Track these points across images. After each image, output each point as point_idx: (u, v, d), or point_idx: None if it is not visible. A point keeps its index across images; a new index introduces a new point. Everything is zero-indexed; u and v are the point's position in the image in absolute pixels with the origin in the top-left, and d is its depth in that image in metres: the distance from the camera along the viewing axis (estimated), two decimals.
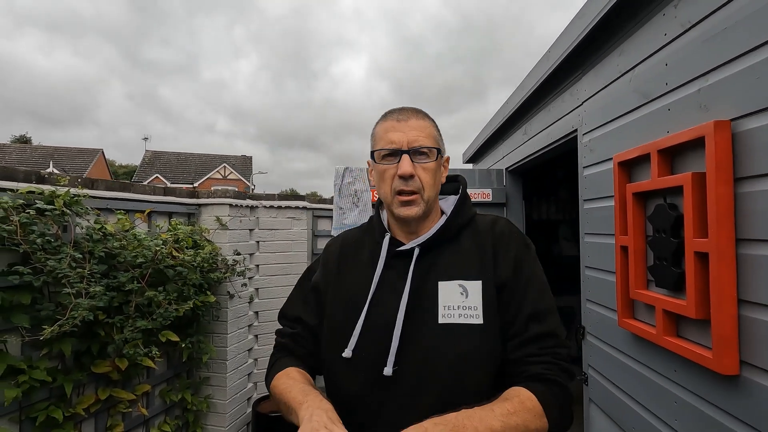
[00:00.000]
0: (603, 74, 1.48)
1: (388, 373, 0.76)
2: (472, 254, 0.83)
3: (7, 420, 1.62)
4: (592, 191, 1.56)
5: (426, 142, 0.82)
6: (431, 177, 0.83)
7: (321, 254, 0.99)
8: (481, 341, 0.76)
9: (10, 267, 1.57)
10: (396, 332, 0.77)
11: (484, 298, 0.78)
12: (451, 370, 0.75)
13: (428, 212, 0.86)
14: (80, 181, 1.94)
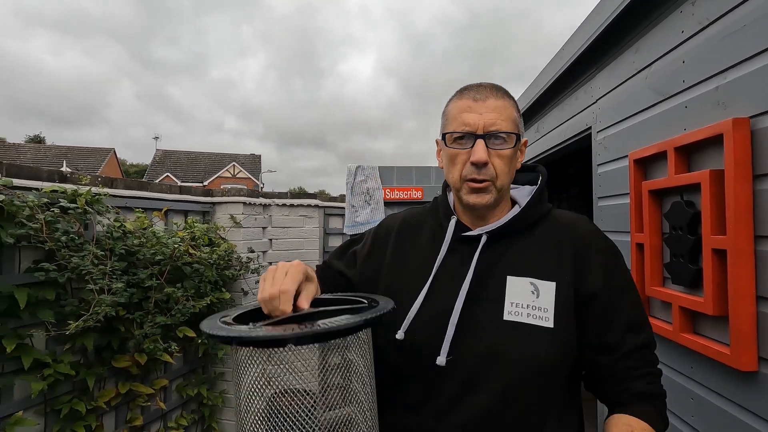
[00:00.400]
0: (618, 71, 1.48)
1: (441, 363, 0.71)
2: (547, 252, 0.76)
3: (32, 412, 1.67)
4: (607, 189, 1.56)
5: (504, 126, 0.74)
6: (507, 164, 0.75)
7: (372, 229, 0.94)
8: (549, 346, 0.71)
9: (35, 264, 1.62)
10: (452, 320, 0.72)
11: (558, 302, 0.72)
12: (511, 371, 0.70)
13: (499, 201, 0.78)
14: (100, 180, 1.98)
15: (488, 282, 0.75)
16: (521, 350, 0.70)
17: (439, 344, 0.72)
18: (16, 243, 1.52)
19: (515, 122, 0.76)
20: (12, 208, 1.49)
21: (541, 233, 0.78)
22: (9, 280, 1.54)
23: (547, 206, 0.82)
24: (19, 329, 1.57)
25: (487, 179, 0.74)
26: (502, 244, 0.77)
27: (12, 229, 1.50)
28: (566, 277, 0.74)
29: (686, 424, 1.11)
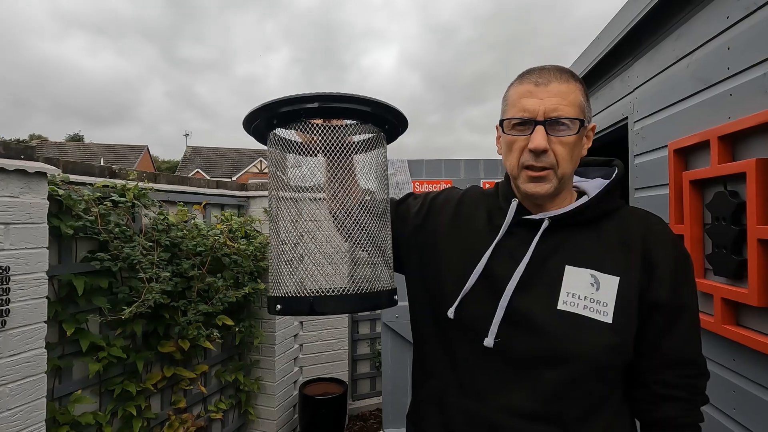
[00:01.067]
0: (657, 60, 1.45)
1: (488, 344, 0.71)
2: (613, 247, 0.73)
3: (89, 392, 1.79)
4: (644, 180, 1.54)
5: (567, 112, 0.70)
6: (569, 152, 0.71)
7: (431, 193, 0.92)
8: (604, 341, 0.69)
9: (90, 254, 1.73)
10: (502, 302, 0.71)
11: (619, 298, 0.70)
12: (561, 362, 0.69)
13: (560, 190, 0.75)
14: (145, 175, 2.09)
15: (545, 269, 0.73)
16: (574, 342, 0.69)
17: (488, 325, 0.71)
18: (74, 234, 1.64)
19: (581, 107, 0.71)
20: (70, 202, 1.60)
21: (609, 228, 0.75)
22: (68, 269, 1.65)
23: (619, 202, 0.78)
24: (77, 314, 1.69)
25: (547, 167, 0.71)
26: (564, 233, 0.75)
27: (70, 221, 1.61)
28: (632, 276, 0.71)
29: (727, 416, 1.10)
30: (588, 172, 0.86)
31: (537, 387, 0.70)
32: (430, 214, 0.87)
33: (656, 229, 0.75)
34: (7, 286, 1.30)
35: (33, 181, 1.37)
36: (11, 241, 1.31)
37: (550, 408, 0.70)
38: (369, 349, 3.69)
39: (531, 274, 0.73)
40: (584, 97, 0.73)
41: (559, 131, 0.70)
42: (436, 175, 2.75)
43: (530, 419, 0.70)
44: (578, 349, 0.69)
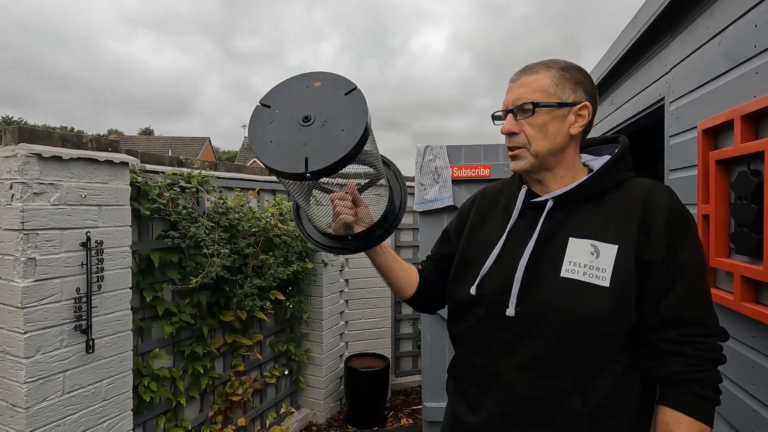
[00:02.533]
0: (693, 38, 1.42)
1: (510, 314, 0.81)
2: (615, 218, 0.79)
3: (165, 350, 2.09)
4: (678, 160, 1.52)
5: (530, 98, 0.81)
6: (538, 131, 0.82)
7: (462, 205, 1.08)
8: (602, 303, 0.75)
9: (163, 233, 2.01)
10: (517, 276, 0.81)
11: (617, 264, 0.76)
12: (562, 324, 0.77)
13: (547, 167, 0.85)
14: (207, 164, 2.35)
15: (551, 243, 0.82)
16: (573, 305, 0.77)
17: (506, 298, 0.82)
18: (151, 215, 1.91)
19: (547, 91, 0.82)
20: (146, 188, 1.87)
21: (613, 200, 0.82)
22: (147, 245, 1.93)
23: (625, 175, 0.84)
24: (154, 284, 1.98)
25: (519, 146, 0.84)
26: (570, 208, 0.83)
27: (147, 204, 1.88)
28: (629, 242, 0.77)
29: (745, 391, 1.12)
30: (601, 150, 0.94)
31: (544, 346, 0.79)
32: (460, 220, 1.03)
33: (654, 194, 0.80)
34: (101, 257, 1.57)
35: (118, 169, 1.63)
36: (103, 220, 1.59)
37: (553, 365, 0.79)
38: (411, 329, 3.84)
39: (540, 249, 0.82)
40: (558, 82, 0.82)
41: (525, 115, 0.82)
42: (475, 160, 2.80)
43: (540, 374, 0.80)
44: (577, 311, 0.77)
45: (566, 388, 0.78)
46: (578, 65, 0.87)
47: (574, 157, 0.87)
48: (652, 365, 0.78)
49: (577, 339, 0.77)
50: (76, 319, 1.49)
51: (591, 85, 0.86)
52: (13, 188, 1.37)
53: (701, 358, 0.74)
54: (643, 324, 0.78)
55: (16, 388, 1.38)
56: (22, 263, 1.36)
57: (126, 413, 1.68)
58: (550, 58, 0.87)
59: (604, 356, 0.78)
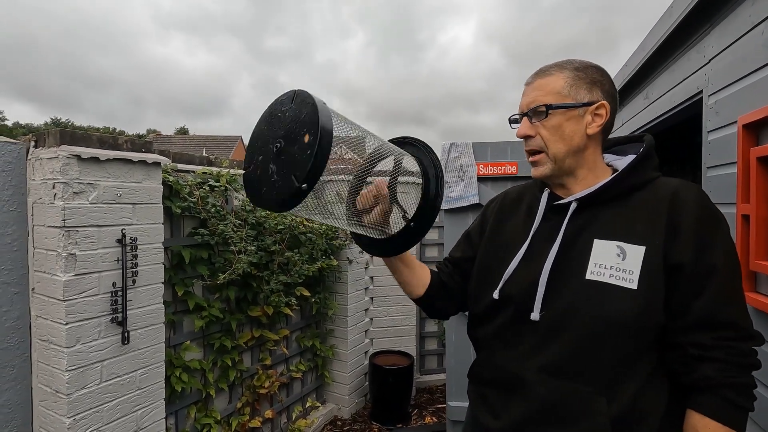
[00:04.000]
0: (733, 27, 1.34)
1: (535, 318, 0.80)
2: (642, 218, 0.78)
3: (195, 343, 2.17)
4: (716, 158, 1.44)
5: (544, 100, 0.81)
6: (553, 133, 0.81)
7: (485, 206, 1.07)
8: (629, 306, 0.74)
9: (194, 230, 2.08)
10: (542, 280, 0.80)
11: (645, 266, 0.74)
12: (587, 327, 0.76)
13: (568, 171, 0.84)
14: (235, 163, 2.41)
15: (576, 245, 0.81)
16: (599, 307, 0.75)
17: (531, 301, 0.81)
18: (182, 213, 1.98)
19: (560, 93, 0.81)
20: (178, 186, 1.94)
21: (639, 200, 0.80)
22: (178, 242, 2.01)
23: (651, 174, 0.82)
24: (185, 279, 2.05)
25: (536, 150, 0.84)
26: (594, 210, 0.82)
27: (178, 202, 1.95)
28: (657, 243, 0.75)
29: None
30: (625, 150, 0.91)
31: (569, 349, 0.78)
32: (483, 222, 1.03)
33: (681, 194, 0.77)
34: (136, 253, 1.65)
35: (151, 169, 1.71)
36: (137, 218, 1.66)
37: (579, 368, 0.77)
38: (436, 327, 3.83)
39: (564, 252, 0.81)
40: (572, 83, 0.81)
41: (540, 117, 0.82)
42: (501, 157, 2.75)
43: (564, 378, 0.78)
44: (602, 313, 0.75)
45: (590, 392, 0.76)
46: (595, 64, 0.85)
47: (595, 157, 0.85)
48: (682, 369, 0.76)
49: (603, 342, 0.75)
50: (112, 311, 1.57)
51: (609, 84, 0.84)
52: (56, 188, 1.45)
53: (733, 363, 0.72)
54: (671, 327, 0.75)
55: (59, 376, 1.47)
56: (64, 258, 1.45)
57: (159, 402, 1.76)
58: (565, 59, 0.86)
59: (631, 359, 0.76)
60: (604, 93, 0.83)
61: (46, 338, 1.52)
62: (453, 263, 1.06)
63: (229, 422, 2.32)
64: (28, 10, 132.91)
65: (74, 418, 1.47)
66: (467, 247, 1.04)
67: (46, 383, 1.53)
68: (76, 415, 1.48)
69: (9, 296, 1.53)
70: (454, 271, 1.04)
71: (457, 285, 1.02)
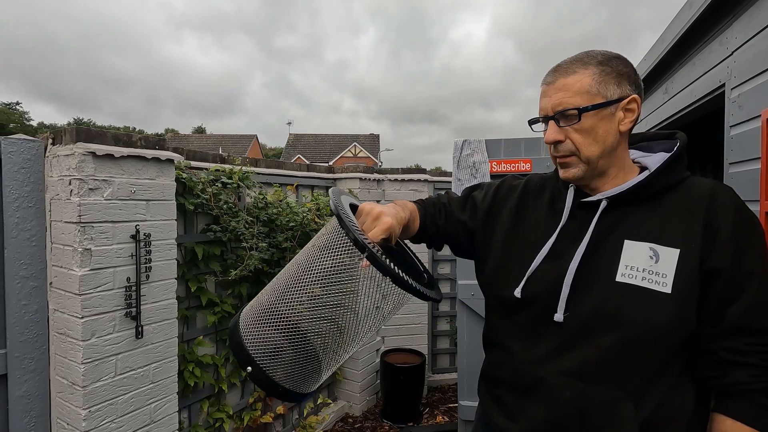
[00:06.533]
0: (758, 16, 1.29)
1: (558, 320, 0.76)
2: (675, 220, 0.74)
3: (208, 339, 2.19)
4: (739, 153, 1.39)
5: (572, 102, 0.76)
6: (586, 136, 0.76)
7: (494, 183, 0.99)
8: (661, 311, 0.71)
9: (206, 226, 2.10)
10: (567, 280, 0.76)
11: (679, 269, 0.71)
12: (618, 331, 0.72)
13: (602, 170, 0.80)
14: (248, 161, 2.43)
15: (605, 245, 0.77)
16: (631, 311, 0.72)
17: (554, 302, 0.77)
18: (195, 210, 2.01)
19: (589, 92, 0.75)
20: (191, 184, 1.96)
21: (672, 201, 0.76)
22: (191, 239, 2.04)
23: (683, 174, 0.79)
24: (198, 275, 2.08)
25: (567, 154, 0.79)
26: (624, 209, 0.78)
27: (191, 199, 1.97)
28: (693, 246, 0.72)
29: None
30: (652, 147, 0.87)
31: (596, 353, 0.75)
32: (494, 204, 0.96)
33: (719, 196, 0.74)
34: (149, 248, 1.67)
35: (165, 166, 1.73)
36: (151, 214, 1.68)
37: (607, 372, 0.74)
38: (448, 326, 3.80)
39: (592, 252, 0.78)
40: (599, 80, 0.76)
41: (570, 121, 0.77)
42: (515, 155, 2.70)
43: (590, 381, 0.75)
44: (635, 317, 0.72)
45: (617, 396, 0.74)
46: (617, 54, 0.80)
47: (624, 154, 0.82)
48: (713, 374, 0.74)
49: (632, 346, 0.73)
50: (126, 306, 1.60)
51: (635, 74, 0.80)
52: (72, 184, 1.48)
53: (766, 368, 0.70)
54: (704, 332, 0.73)
55: (75, 368, 1.51)
56: (80, 253, 1.48)
57: (172, 396, 1.79)
58: (584, 52, 0.80)
59: (660, 364, 0.74)
60: (633, 85, 0.78)
61: (63, 331, 1.55)
62: (447, 217, 0.98)
63: (241, 417, 2.35)
64: (47, 13, 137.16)
65: (89, 409, 1.51)
66: (471, 216, 0.96)
67: (63, 375, 1.56)
68: (91, 406, 1.51)
69: (28, 290, 1.57)
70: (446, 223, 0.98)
71: (444, 232, 0.98)
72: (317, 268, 0.71)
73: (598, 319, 0.74)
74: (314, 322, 0.73)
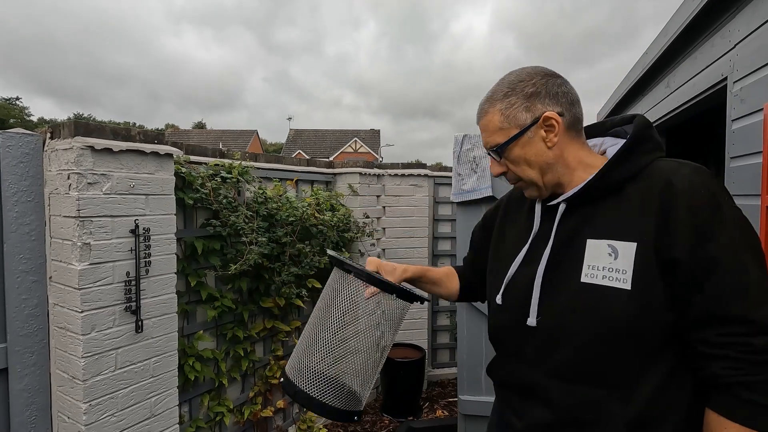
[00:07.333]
0: (762, 8, 1.27)
1: (531, 324, 0.80)
2: (634, 210, 0.73)
3: (208, 333, 2.20)
4: (741, 147, 1.38)
5: (493, 141, 0.83)
6: (518, 165, 0.82)
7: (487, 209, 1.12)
8: (623, 308, 0.71)
9: (206, 221, 2.10)
10: (536, 285, 0.79)
11: (637, 263, 0.70)
12: (588, 331, 0.74)
13: (555, 183, 0.82)
14: (248, 156, 2.42)
15: (571, 247, 0.78)
16: (596, 310, 0.73)
17: (527, 308, 0.81)
18: (194, 205, 2.00)
19: (501, 129, 0.81)
20: (190, 178, 1.96)
21: (632, 192, 0.74)
22: (191, 233, 2.03)
23: (641, 162, 0.76)
24: (198, 270, 2.08)
25: (515, 181, 0.86)
26: (587, 208, 0.79)
27: (191, 194, 1.97)
28: (647, 237, 0.70)
29: None
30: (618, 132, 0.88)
31: (572, 353, 0.77)
32: (486, 222, 1.08)
33: (674, 181, 0.71)
34: (149, 243, 1.67)
35: (164, 160, 1.72)
36: (150, 208, 1.68)
37: (587, 371, 0.76)
38: (448, 321, 3.81)
39: (560, 254, 0.80)
40: (507, 113, 0.80)
41: (500, 156, 0.84)
42: None
43: (572, 381, 0.77)
44: (599, 317, 0.73)
45: (602, 394, 0.74)
46: (527, 72, 0.82)
47: (575, 159, 0.82)
48: (695, 367, 0.73)
49: (605, 344, 0.73)
50: (126, 300, 1.60)
51: (545, 88, 0.80)
52: (70, 178, 1.48)
53: (746, 360, 0.66)
54: (681, 324, 0.72)
55: (75, 362, 1.51)
56: (79, 248, 1.48)
57: (172, 390, 1.79)
58: (495, 84, 0.84)
59: (639, 359, 0.73)
60: (546, 99, 0.79)
61: (63, 326, 1.55)
62: (466, 266, 1.16)
63: (241, 411, 2.36)
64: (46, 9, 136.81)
65: (90, 403, 1.51)
66: (471, 249, 1.12)
67: (63, 369, 1.57)
68: (91, 400, 1.52)
69: (27, 284, 1.57)
70: (470, 273, 1.13)
71: (479, 281, 1.07)
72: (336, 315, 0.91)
73: (569, 321, 0.76)
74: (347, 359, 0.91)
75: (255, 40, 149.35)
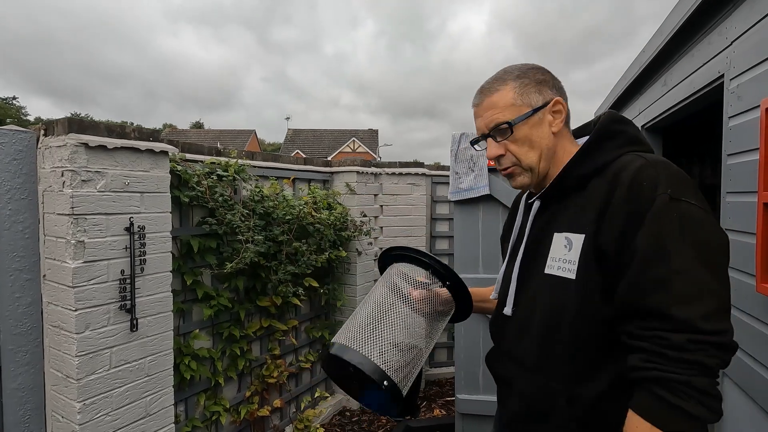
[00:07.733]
0: (759, 5, 1.27)
1: (507, 313, 0.89)
2: (593, 204, 0.75)
3: (204, 332, 2.19)
4: (738, 144, 1.38)
5: (502, 117, 0.82)
6: (522, 145, 0.83)
7: None
8: (568, 297, 0.76)
9: (202, 219, 2.09)
10: (514, 276, 0.88)
11: (582, 254, 0.74)
12: (544, 319, 0.81)
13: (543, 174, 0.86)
14: (244, 154, 2.41)
15: (543, 241, 0.84)
16: (549, 300, 0.80)
17: (505, 298, 0.91)
18: (190, 203, 1.99)
19: (515, 105, 0.82)
20: (186, 176, 1.94)
21: (594, 186, 0.77)
22: (187, 231, 2.02)
23: (602, 159, 0.77)
24: (194, 268, 2.07)
25: (510, 166, 0.86)
26: (558, 204, 0.84)
27: (187, 192, 1.96)
28: (591, 227, 0.74)
29: (762, 365, 1.00)
30: None
31: (534, 343, 0.82)
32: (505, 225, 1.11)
33: (622, 173, 0.72)
34: (144, 241, 1.66)
35: (159, 158, 1.71)
36: (145, 206, 1.67)
37: (543, 362, 0.81)
38: None
39: (533, 248, 0.87)
40: (519, 91, 0.83)
41: (505, 135, 0.83)
42: None
43: (533, 372, 0.82)
44: (551, 305, 0.79)
45: (557, 388, 0.78)
46: (532, 65, 0.87)
47: (564, 152, 0.86)
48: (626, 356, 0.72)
49: (555, 333, 0.79)
50: (121, 299, 1.59)
51: (553, 79, 0.86)
52: (64, 176, 1.46)
53: (662, 355, 0.63)
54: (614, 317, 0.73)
55: (69, 361, 1.50)
56: (73, 246, 1.46)
57: (167, 389, 1.78)
58: (501, 70, 0.87)
59: (585, 353, 0.75)
60: (554, 89, 0.85)
61: (57, 324, 1.54)
62: None
63: (238, 410, 2.35)
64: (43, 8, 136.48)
65: (84, 402, 1.50)
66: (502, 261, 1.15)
67: (57, 368, 1.56)
68: (86, 399, 1.51)
69: (21, 282, 1.56)
70: None
71: None
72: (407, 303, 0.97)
73: (533, 311, 0.83)
74: None
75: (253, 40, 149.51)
